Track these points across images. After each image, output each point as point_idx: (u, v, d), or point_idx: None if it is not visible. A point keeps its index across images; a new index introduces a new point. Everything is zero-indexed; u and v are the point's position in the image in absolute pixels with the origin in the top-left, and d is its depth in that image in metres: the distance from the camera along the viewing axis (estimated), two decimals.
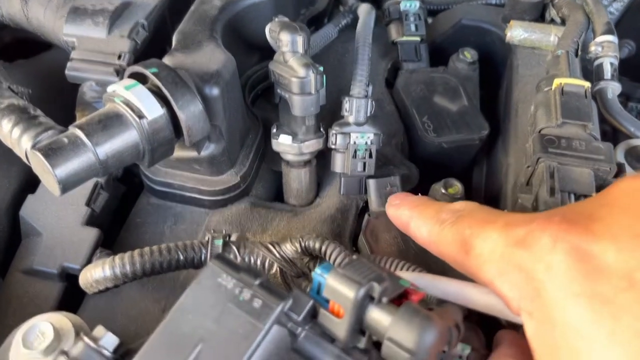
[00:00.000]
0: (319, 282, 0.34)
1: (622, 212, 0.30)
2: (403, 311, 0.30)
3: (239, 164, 0.54)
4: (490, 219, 0.35)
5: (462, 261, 0.36)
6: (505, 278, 0.32)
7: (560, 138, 0.46)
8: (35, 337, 0.37)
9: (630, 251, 0.28)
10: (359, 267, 0.32)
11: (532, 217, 0.33)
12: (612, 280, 0.28)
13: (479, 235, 0.35)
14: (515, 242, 0.32)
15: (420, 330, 0.30)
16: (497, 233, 0.34)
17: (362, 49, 0.53)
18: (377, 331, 0.32)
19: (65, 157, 0.41)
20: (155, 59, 0.47)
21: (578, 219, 0.31)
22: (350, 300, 0.31)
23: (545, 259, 0.30)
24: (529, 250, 0.31)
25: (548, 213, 0.33)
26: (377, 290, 0.31)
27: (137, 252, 0.42)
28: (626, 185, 0.32)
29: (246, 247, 0.44)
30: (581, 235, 0.30)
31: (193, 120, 0.46)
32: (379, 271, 0.32)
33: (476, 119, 0.60)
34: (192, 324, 0.32)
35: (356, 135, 0.51)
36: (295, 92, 0.49)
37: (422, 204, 0.43)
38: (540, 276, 0.30)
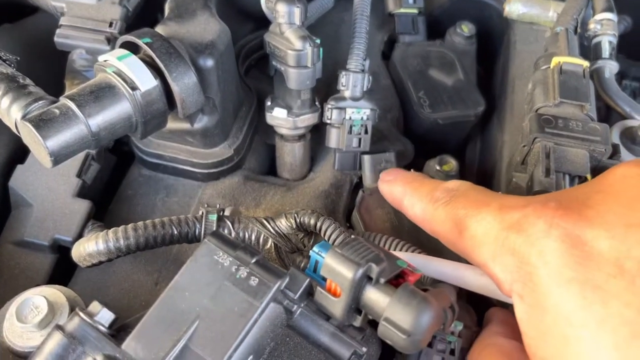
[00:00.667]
0: (316, 260, 0.35)
1: (616, 199, 0.31)
2: (400, 292, 0.31)
3: (232, 136, 0.54)
4: (485, 201, 0.35)
5: (455, 241, 0.36)
6: (499, 261, 0.32)
7: (557, 118, 0.46)
8: (29, 310, 0.37)
9: (622, 239, 0.29)
10: (358, 247, 0.32)
11: (527, 201, 0.33)
12: (603, 267, 0.28)
13: (473, 217, 0.35)
14: (510, 225, 0.32)
15: (417, 312, 0.30)
16: (492, 215, 0.34)
17: (359, 22, 0.51)
18: (374, 311, 0.32)
19: (56, 128, 0.40)
20: (149, 29, 0.46)
21: (573, 205, 0.31)
22: (348, 280, 0.31)
23: (539, 243, 0.30)
24: (523, 235, 0.31)
25: (543, 197, 0.33)
26: (375, 271, 0.31)
27: (131, 226, 0.42)
28: (622, 172, 0.32)
29: (241, 222, 0.43)
30: (575, 221, 0.30)
31: (187, 92, 0.45)
32: (377, 252, 0.32)
33: (472, 94, 0.60)
34: (188, 301, 0.33)
35: (352, 110, 0.50)
36: (291, 65, 0.48)
37: (416, 181, 0.43)
38: (533, 261, 0.30)
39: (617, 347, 0.27)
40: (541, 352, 0.30)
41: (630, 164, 0.32)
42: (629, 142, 0.50)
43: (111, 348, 0.32)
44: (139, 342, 0.31)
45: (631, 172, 0.32)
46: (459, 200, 0.37)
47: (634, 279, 0.28)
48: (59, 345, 0.31)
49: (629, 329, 0.27)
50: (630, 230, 0.29)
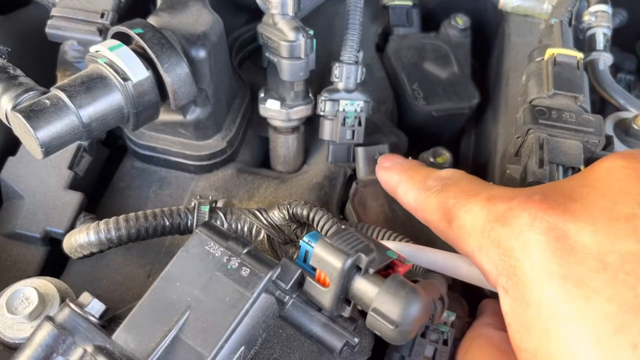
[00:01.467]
0: (306, 250, 0.34)
1: (601, 193, 0.31)
2: (389, 283, 0.31)
3: (226, 128, 0.53)
4: (474, 191, 0.35)
5: (445, 230, 0.36)
6: (484, 252, 0.32)
7: (550, 109, 0.45)
8: (19, 302, 0.37)
9: (605, 233, 0.29)
10: (347, 237, 0.32)
11: (514, 193, 0.33)
12: (586, 261, 0.28)
13: (461, 207, 0.35)
14: (496, 217, 0.32)
15: (405, 303, 0.30)
16: (479, 206, 0.34)
17: (353, 13, 0.51)
18: (363, 301, 0.32)
19: (47, 119, 0.39)
20: (140, 19, 0.46)
21: (558, 198, 0.31)
22: (337, 270, 0.31)
23: (523, 236, 0.30)
24: (508, 227, 0.31)
25: (530, 190, 0.33)
26: (364, 261, 0.31)
27: (123, 217, 0.41)
28: (607, 165, 0.32)
29: (233, 213, 0.43)
30: (559, 215, 0.30)
31: (179, 83, 0.44)
32: (367, 242, 0.32)
33: (467, 87, 0.60)
34: (179, 291, 0.32)
35: (345, 102, 0.50)
36: (285, 56, 0.48)
37: (411, 169, 0.43)
38: (517, 254, 0.30)
39: (599, 342, 0.27)
40: (525, 345, 0.30)
41: (616, 157, 0.32)
42: (622, 134, 0.50)
43: (101, 339, 0.31)
44: (130, 333, 0.31)
45: (616, 165, 0.32)
46: (450, 190, 0.37)
47: (616, 273, 0.27)
48: (49, 336, 0.31)
49: (610, 324, 0.27)
50: (613, 224, 0.29)
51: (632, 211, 0.29)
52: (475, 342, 0.36)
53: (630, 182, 0.30)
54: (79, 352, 0.31)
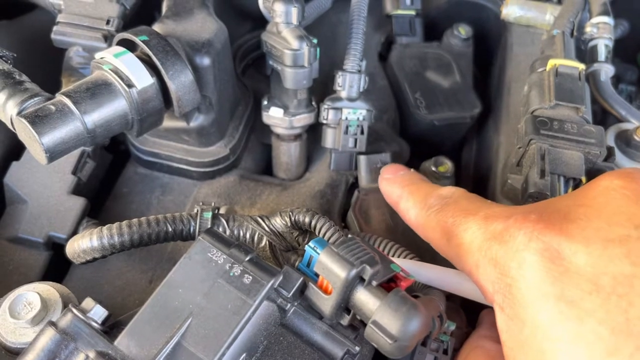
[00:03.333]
0: (310, 255, 0.35)
1: (597, 214, 0.31)
2: (391, 297, 0.31)
3: (229, 135, 0.54)
4: (473, 210, 0.36)
5: (444, 248, 0.37)
6: (482, 270, 0.33)
7: (552, 120, 0.46)
8: (22, 306, 0.37)
9: (599, 255, 0.29)
10: (353, 247, 0.32)
11: (511, 211, 0.34)
12: (580, 283, 0.29)
13: (460, 225, 0.35)
14: (493, 236, 0.33)
15: (405, 319, 0.30)
16: (477, 225, 0.34)
17: (356, 22, 0.51)
18: (363, 312, 0.32)
19: (52, 125, 0.40)
20: (146, 27, 0.46)
21: (554, 218, 0.31)
22: (341, 279, 0.31)
23: (519, 256, 0.31)
24: (504, 246, 0.32)
25: (527, 208, 0.33)
26: (369, 273, 0.31)
27: (125, 223, 0.41)
28: (605, 184, 0.32)
29: (235, 220, 0.43)
30: (555, 235, 0.30)
31: (183, 90, 0.45)
32: (372, 253, 0.32)
33: (468, 96, 0.60)
34: (182, 298, 0.33)
35: (348, 110, 0.50)
36: (288, 64, 0.48)
37: (413, 183, 0.43)
38: (513, 273, 0.31)
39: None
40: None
41: (613, 176, 0.32)
42: (623, 145, 0.50)
43: (104, 344, 0.31)
44: (132, 339, 0.31)
45: (614, 185, 0.32)
46: (449, 208, 0.38)
47: (609, 296, 0.28)
48: (51, 341, 0.31)
49: (603, 345, 0.27)
50: (608, 245, 0.29)
51: (626, 233, 0.29)
52: (472, 353, 0.36)
53: (626, 203, 0.30)
54: (81, 357, 0.31)
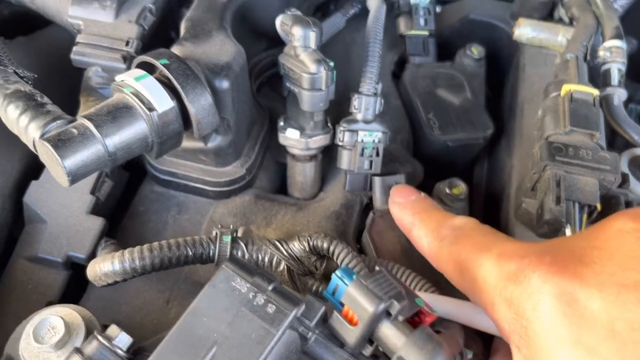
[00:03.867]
0: (336, 284, 0.35)
1: (611, 257, 0.31)
2: (417, 335, 0.31)
3: (245, 155, 0.54)
4: (486, 245, 0.36)
5: (458, 281, 0.38)
6: (497, 309, 0.33)
7: (567, 146, 0.46)
8: (46, 331, 0.37)
9: (614, 300, 0.29)
10: (382, 281, 0.33)
11: (525, 250, 0.34)
12: (596, 328, 0.29)
13: (473, 261, 0.36)
14: (507, 276, 0.33)
15: (430, 357, 0.31)
16: (491, 262, 0.35)
17: (372, 45, 0.52)
18: (387, 346, 0.33)
19: (74, 148, 0.40)
20: (165, 50, 0.47)
21: (568, 261, 0.32)
22: (368, 313, 0.32)
23: (534, 298, 0.31)
24: (519, 287, 0.32)
25: (540, 248, 0.34)
26: (396, 309, 0.32)
27: (147, 247, 0.42)
28: (618, 226, 0.33)
29: (254, 244, 0.44)
30: (569, 279, 0.31)
31: (203, 113, 0.45)
32: (400, 288, 0.33)
33: (481, 117, 0.61)
34: (206, 326, 0.33)
35: (364, 133, 0.51)
36: (306, 87, 0.49)
37: (424, 211, 0.44)
38: (528, 315, 0.31)
39: None
40: None
41: (627, 218, 0.33)
42: (637, 171, 0.50)
43: None
44: None
45: (627, 227, 0.32)
46: (462, 241, 0.38)
47: (625, 342, 0.28)
48: None
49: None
50: (623, 290, 0.29)
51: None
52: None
53: (639, 247, 0.31)
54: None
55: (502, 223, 0.53)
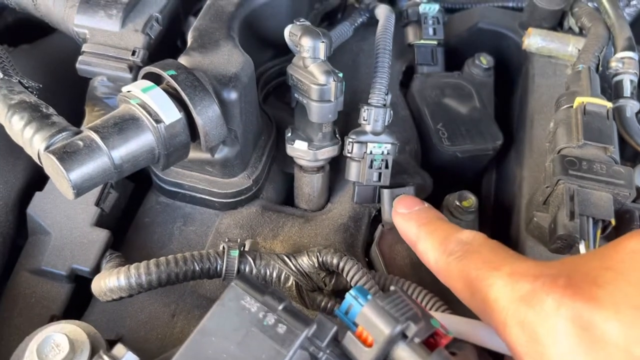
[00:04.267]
0: (350, 304, 0.34)
1: (625, 279, 0.31)
2: (435, 359, 0.31)
3: (251, 166, 0.53)
4: (496, 264, 0.36)
5: (468, 300, 0.37)
6: (509, 330, 0.33)
7: (581, 160, 0.45)
8: (50, 348, 0.36)
9: (630, 323, 0.29)
10: (397, 301, 0.32)
11: (537, 270, 0.33)
12: (612, 353, 0.29)
13: (484, 280, 0.35)
14: (520, 297, 0.33)
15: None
16: (502, 282, 0.34)
17: (381, 56, 0.51)
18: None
19: (80, 161, 0.40)
20: (173, 60, 0.46)
21: (583, 283, 0.31)
22: (384, 335, 0.31)
23: (549, 322, 0.31)
24: (532, 310, 0.32)
25: (554, 270, 0.33)
26: (413, 331, 0.31)
27: (153, 262, 0.41)
28: (633, 247, 0.32)
29: (262, 259, 0.43)
30: (584, 302, 0.30)
31: (211, 125, 0.44)
32: (416, 309, 0.32)
33: (490, 128, 0.60)
34: (215, 347, 0.32)
35: (373, 145, 0.50)
36: (314, 99, 0.48)
37: (430, 223, 0.43)
38: (544, 340, 0.31)
39: None
40: None
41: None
42: None
43: None
44: None
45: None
46: (471, 258, 0.37)
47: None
48: None
49: None
50: (638, 314, 0.29)
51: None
52: None
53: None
54: None
55: (513, 237, 0.52)
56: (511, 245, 0.50)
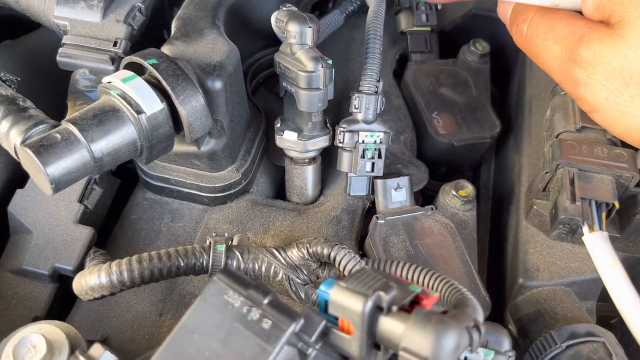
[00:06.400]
0: (325, 300, 0.32)
1: None
2: (415, 318, 0.28)
3: (240, 159, 0.52)
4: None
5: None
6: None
7: (581, 144, 0.44)
8: (26, 350, 0.35)
9: None
10: (363, 277, 0.30)
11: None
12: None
13: None
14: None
15: (435, 335, 0.28)
16: None
17: (373, 43, 0.50)
18: (392, 343, 0.30)
19: (58, 155, 0.38)
20: (155, 49, 0.44)
21: None
22: (358, 314, 0.29)
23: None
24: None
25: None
26: (386, 300, 0.29)
27: (136, 258, 0.40)
28: None
29: (250, 253, 0.41)
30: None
31: (195, 116, 0.43)
32: (385, 279, 0.30)
33: (487, 116, 0.58)
34: (197, 345, 0.30)
35: (365, 134, 0.48)
36: (303, 87, 0.46)
37: None
38: None
39: None
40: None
41: None
42: None
43: None
44: None
45: None
46: None
47: None
48: None
49: None
50: None
51: None
52: None
53: None
54: None
55: (513, 226, 0.51)
56: (511, 235, 0.49)
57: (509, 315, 0.46)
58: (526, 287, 0.45)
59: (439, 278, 0.39)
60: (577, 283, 0.45)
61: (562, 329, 0.40)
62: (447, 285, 0.36)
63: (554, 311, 0.43)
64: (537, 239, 0.47)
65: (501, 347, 0.37)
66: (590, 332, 0.40)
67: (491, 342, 0.37)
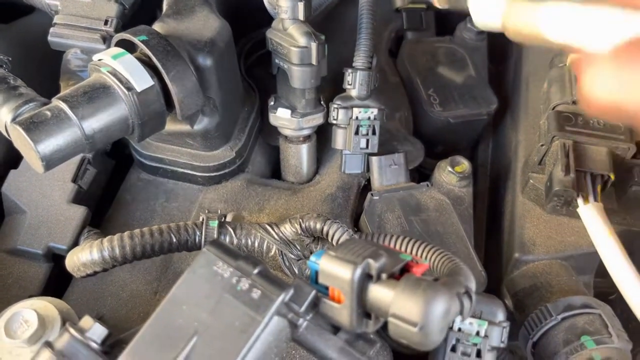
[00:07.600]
0: (315, 270, 0.32)
1: None
2: (404, 284, 0.28)
3: (234, 138, 0.51)
4: None
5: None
6: None
7: (577, 116, 0.43)
8: (18, 325, 0.35)
9: None
10: (352, 246, 0.30)
11: None
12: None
13: None
14: None
15: (423, 300, 0.27)
16: None
17: (366, 17, 0.49)
18: (381, 310, 0.29)
19: (48, 132, 0.38)
20: (145, 26, 0.44)
21: None
22: (347, 282, 0.29)
23: None
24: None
25: None
26: (375, 267, 0.29)
27: (127, 234, 0.39)
28: None
29: (243, 228, 0.41)
30: None
31: (185, 92, 0.43)
32: (375, 248, 0.30)
33: (484, 92, 0.58)
34: (186, 315, 0.30)
35: (359, 110, 0.48)
36: (295, 62, 0.46)
37: None
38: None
39: None
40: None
41: None
42: None
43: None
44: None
45: None
46: None
47: None
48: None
49: None
50: None
51: None
52: None
53: None
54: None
55: (509, 201, 0.50)
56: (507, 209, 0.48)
57: (505, 290, 0.46)
58: (522, 262, 0.45)
59: (432, 249, 0.38)
60: (574, 257, 0.45)
61: (558, 301, 0.40)
62: (439, 255, 0.36)
63: (549, 284, 0.43)
64: (533, 213, 0.46)
65: (495, 317, 0.36)
66: (586, 303, 0.40)
67: (485, 312, 0.37)
